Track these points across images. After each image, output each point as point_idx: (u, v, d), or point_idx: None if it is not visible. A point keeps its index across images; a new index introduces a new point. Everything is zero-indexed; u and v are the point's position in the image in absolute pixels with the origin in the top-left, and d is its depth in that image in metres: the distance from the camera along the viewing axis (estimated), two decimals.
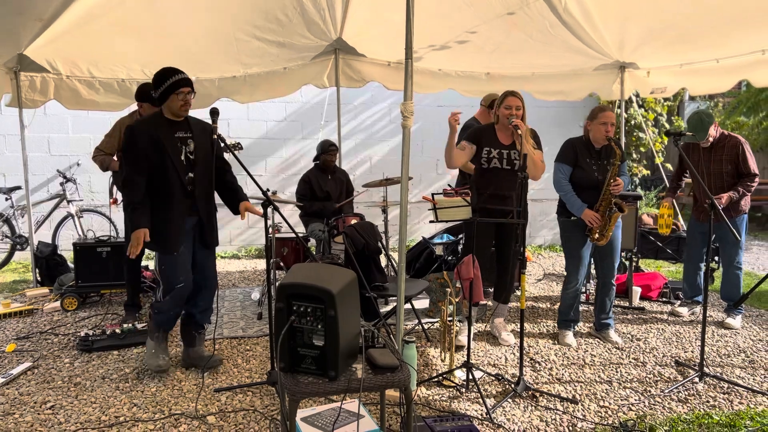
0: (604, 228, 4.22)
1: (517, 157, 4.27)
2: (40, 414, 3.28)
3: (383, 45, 5.79)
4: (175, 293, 3.74)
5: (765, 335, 4.69)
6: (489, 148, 4.29)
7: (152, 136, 3.61)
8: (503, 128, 4.30)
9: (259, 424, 3.17)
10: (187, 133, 3.74)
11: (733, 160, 4.69)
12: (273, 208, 3.60)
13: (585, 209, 4.20)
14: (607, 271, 4.47)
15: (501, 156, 4.27)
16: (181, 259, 3.73)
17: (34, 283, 6.07)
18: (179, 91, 3.62)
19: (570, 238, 4.38)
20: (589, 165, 4.25)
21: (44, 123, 7.46)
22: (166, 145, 3.62)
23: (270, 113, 8.19)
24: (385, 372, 2.43)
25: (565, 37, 5.39)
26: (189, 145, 3.73)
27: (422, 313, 5.15)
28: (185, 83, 3.63)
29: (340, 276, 2.47)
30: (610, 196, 4.17)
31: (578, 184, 4.27)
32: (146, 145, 3.60)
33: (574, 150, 4.29)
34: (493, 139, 4.31)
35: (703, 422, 3.21)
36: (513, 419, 3.26)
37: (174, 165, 3.64)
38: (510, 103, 4.18)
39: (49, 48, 5.26)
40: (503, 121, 4.22)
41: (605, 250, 4.39)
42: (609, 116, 4.16)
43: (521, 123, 4.03)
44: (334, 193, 5.80)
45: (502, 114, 4.21)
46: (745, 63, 5.27)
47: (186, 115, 3.75)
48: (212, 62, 5.79)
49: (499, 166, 4.28)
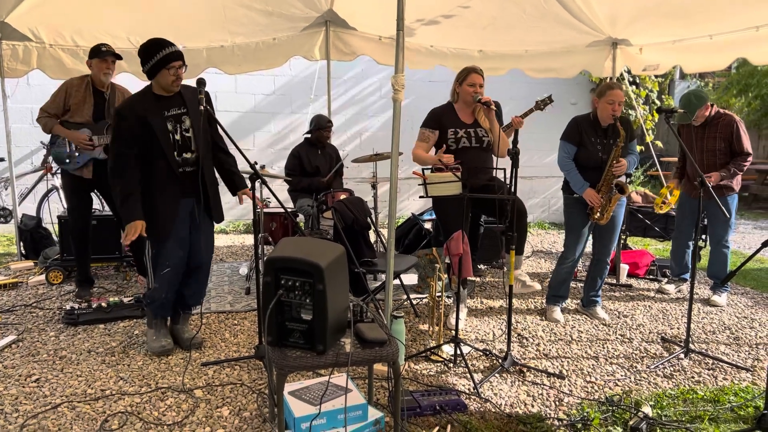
0: (604, 208, 4.21)
1: (485, 134, 4.22)
2: (25, 387, 3.25)
3: (375, 19, 5.69)
4: (163, 278, 3.63)
5: (750, 313, 4.74)
6: (455, 128, 4.19)
7: (139, 117, 3.41)
8: (464, 106, 4.21)
9: (247, 397, 3.16)
10: (181, 109, 3.54)
11: (726, 138, 4.67)
12: (261, 182, 3.54)
13: (587, 188, 4.18)
14: (603, 249, 4.47)
15: (468, 135, 4.19)
16: (170, 244, 3.59)
17: (19, 256, 6.00)
18: (170, 66, 3.40)
19: (572, 214, 4.37)
20: (593, 144, 4.21)
21: (27, 93, 7.30)
22: (154, 127, 3.43)
23: (258, 86, 8.08)
24: (374, 346, 2.43)
25: (558, 11, 5.32)
26: (184, 122, 3.53)
27: (411, 288, 5.15)
28: (176, 56, 3.42)
29: (329, 250, 2.45)
30: (611, 177, 4.15)
31: (582, 163, 4.24)
32: (134, 129, 3.41)
33: (578, 129, 4.24)
34: (455, 119, 4.22)
35: (688, 397, 3.25)
36: (500, 394, 3.27)
37: (162, 148, 3.46)
38: (473, 81, 4.10)
39: (32, 15, 5.12)
40: (466, 98, 4.14)
41: (605, 228, 4.38)
42: (617, 95, 4.08)
43: (489, 98, 3.97)
44: (324, 169, 5.74)
45: (466, 92, 4.12)
46: (740, 40, 5.21)
47: (175, 91, 3.54)
48: (199, 31, 5.66)
49: (468, 145, 4.20)
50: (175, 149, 3.54)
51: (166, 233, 3.57)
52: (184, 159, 3.56)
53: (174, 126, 3.52)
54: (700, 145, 4.80)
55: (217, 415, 2.99)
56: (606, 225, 4.34)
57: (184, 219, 3.63)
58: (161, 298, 3.69)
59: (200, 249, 3.75)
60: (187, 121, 3.55)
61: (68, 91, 4.57)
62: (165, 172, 3.52)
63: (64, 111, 4.60)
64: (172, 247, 3.61)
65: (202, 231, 3.74)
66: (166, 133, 3.48)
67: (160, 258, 3.64)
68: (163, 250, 3.61)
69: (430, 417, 2.98)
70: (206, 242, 3.80)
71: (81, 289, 4.85)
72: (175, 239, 3.61)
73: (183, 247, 3.66)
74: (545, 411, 3.10)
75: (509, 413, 3.06)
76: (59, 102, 4.59)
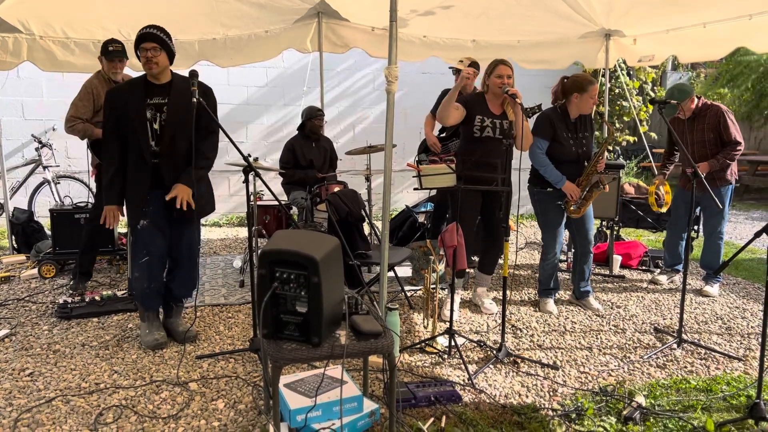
0: (583, 202, 4.23)
1: (510, 127, 4.22)
2: (19, 381, 3.24)
3: (367, 9, 5.67)
4: (141, 267, 3.61)
5: (742, 303, 4.77)
6: (482, 116, 4.19)
7: (124, 102, 3.44)
8: (494, 97, 4.20)
9: (242, 390, 3.16)
10: (163, 99, 3.48)
11: (715, 129, 4.68)
12: (255, 174, 3.52)
13: (566, 181, 4.19)
14: (584, 241, 4.49)
15: (494, 125, 4.19)
16: (143, 233, 3.57)
17: (10, 250, 5.96)
18: (141, 47, 3.36)
19: (546, 210, 4.38)
20: (566, 139, 4.22)
21: (17, 86, 7.25)
22: (131, 114, 3.43)
23: (251, 79, 8.04)
24: (369, 338, 2.43)
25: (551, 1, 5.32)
26: (163, 113, 3.48)
27: (405, 281, 5.16)
28: (146, 38, 3.35)
29: (324, 243, 2.44)
30: (594, 172, 4.16)
31: (556, 158, 4.23)
32: (119, 112, 3.44)
33: (551, 124, 4.23)
34: (484, 108, 4.22)
35: (681, 387, 3.27)
36: (494, 384, 3.29)
37: (137, 135, 3.44)
38: (501, 72, 4.08)
39: (22, 7, 5.06)
40: (495, 90, 4.12)
41: (580, 220, 4.40)
42: (597, 89, 4.16)
43: (517, 91, 3.96)
44: (318, 162, 5.73)
45: (494, 83, 4.11)
46: (734, 29, 5.20)
47: (155, 74, 3.44)
48: (192, 23, 5.62)
49: (492, 135, 4.19)
50: (153, 138, 3.49)
51: (138, 221, 3.57)
52: (152, 151, 3.51)
53: (153, 114, 3.47)
54: (690, 137, 4.81)
55: (212, 407, 2.99)
56: (580, 217, 4.36)
57: (158, 209, 3.58)
58: (143, 288, 3.66)
59: (180, 241, 3.72)
60: (165, 112, 3.49)
61: (93, 92, 4.45)
62: (138, 159, 3.51)
63: (95, 112, 4.48)
64: (148, 236, 3.58)
65: (184, 222, 3.66)
66: (143, 121, 3.44)
67: (137, 246, 3.64)
68: (139, 238, 3.61)
69: (425, 408, 2.99)
70: (188, 235, 3.74)
71: (78, 281, 4.82)
72: (151, 228, 3.58)
73: (161, 237, 3.62)
74: (539, 401, 3.12)
75: (504, 404, 3.08)
76: (89, 104, 4.45)
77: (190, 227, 3.74)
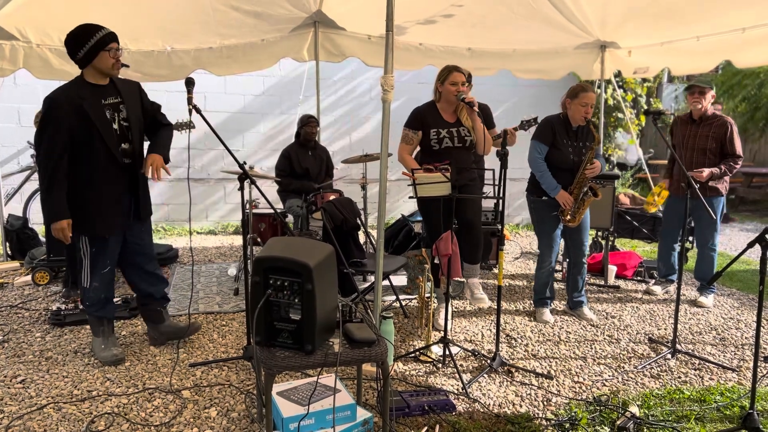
0: (577, 210, 4.23)
1: (467, 134, 4.21)
2: (11, 388, 3.22)
3: (364, 18, 5.70)
4: (103, 278, 3.51)
5: (736, 314, 4.78)
6: (437, 129, 4.17)
7: (76, 106, 3.23)
8: (447, 105, 4.19)
9: (235, 398, 3.15)
10: (117, 98, 3.40)
11: (719, 139, 4.67)
12: (250, 181, 3.53)
13: (560, 190, 4.20)
14: (578, 252, 4.49)
15: (451, 135, 4.17)
16: (112, 242, 3.48)
17: (4, 256, 5.94)
18: (109, 47, 3.28)
19: (542, 218, 4.39)
20: (565, 146, 4.24)
21: (14, 93, 7.24)
22: (93, 116, 3.26)
23: (248, 87, 8.06)
24: (362, 346, 2.42)
25: (547, 11, 5.35)
26: (122, 112, 3.40)
27: (400, 290, 5.16)
28: (113, 38, 3.33)
29: (318, 250, 2.44)
30: (585, 179, 4.17)
31: (554, 164, 4.25)
32: (70, 118, 3.22)
33: (552, 129, 4.25)
34: (438, 119, 4.19)
35: (675, 397, 3.27)
36: (489, 394, 3.28)
37: (103, 138, 3.29)
38: (456, 79, 4.06)
39: (19, 15, 5.06)
40: (448, 98, 4.12)
41: (576, 229, 4.41)
42: (590, 97, 4.12)
43: (473, 97, 3.95)
44: (314, 170, 5.73)
45: (448, 91, 4.09)
46: (726, 42, 5.26)
47: (116, 75, 3.42)
48: (188, 32, 5.64)
49: (451, 145, 4.18)
50: (121, 138, 3.41)
51: (111, 231, 3.45)
52: (123, 150, 3.42)
53: (112, 114, 3.38)
54: (692, 143, 4.80)
55: (204, 415, 2.97)
56: (576, 227, 4.36)
57: (126, 215, 3.53)
58: (101, 298, 3.55)
59: (145, 242, 3.67)
60: (124, 110, 3.42)
61: None
62: (106, 163, 3.35)
63: None
64: (114, 245, 3.51)
65: (142, 222, 3.64)
66: (106, 122, 3.33)
67: (100, 256, 3.48)
68: (105, 249, 3.47)
69: (419, 417, 2.98)
70: (147, 231, 3.72)
71: (70, 289, 4.79)
72: (118, 237, 3.52)
73: (119, 244, 3.56)
74: (533, 411, 3.11)
75: (498, 413, 3.07)
76: None
77: (146, 224, 3.72)
